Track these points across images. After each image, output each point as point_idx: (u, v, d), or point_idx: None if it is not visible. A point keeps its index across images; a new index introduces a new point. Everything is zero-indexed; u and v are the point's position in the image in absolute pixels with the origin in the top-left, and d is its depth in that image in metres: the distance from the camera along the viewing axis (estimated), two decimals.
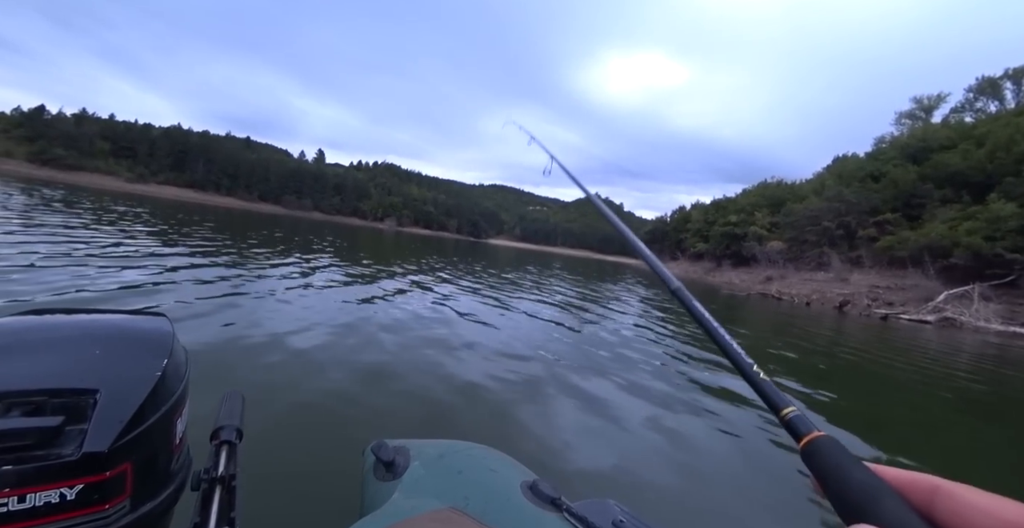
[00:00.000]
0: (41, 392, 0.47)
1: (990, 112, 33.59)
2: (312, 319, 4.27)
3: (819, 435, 0.27)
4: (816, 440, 0.27)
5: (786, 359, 5.90)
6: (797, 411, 0.30)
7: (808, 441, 0.27)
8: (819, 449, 0.27)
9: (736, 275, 33.69)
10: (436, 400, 2.83)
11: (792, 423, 0.29)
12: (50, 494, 0.44)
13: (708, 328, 0.40)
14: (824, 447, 0.27)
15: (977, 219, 19.41)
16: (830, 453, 0.26)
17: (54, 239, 6.67)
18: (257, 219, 28.70)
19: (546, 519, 0.69)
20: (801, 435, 0.28)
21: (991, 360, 8.21)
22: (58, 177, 55.59)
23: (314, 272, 7.75)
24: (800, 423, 0.29)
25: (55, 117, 71.74)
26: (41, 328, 0.57)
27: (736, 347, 0.37)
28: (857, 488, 0.23)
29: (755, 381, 0.33)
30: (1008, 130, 22.57)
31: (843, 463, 0.25)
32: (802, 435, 0.28)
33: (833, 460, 0.25)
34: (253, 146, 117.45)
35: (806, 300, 19.94)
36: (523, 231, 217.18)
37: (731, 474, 2.45)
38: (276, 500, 1.62)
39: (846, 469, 0.24)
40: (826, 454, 0.26)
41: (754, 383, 0.33)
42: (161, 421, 0.54)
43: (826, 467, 0.25)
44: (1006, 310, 15.37)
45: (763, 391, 0.32)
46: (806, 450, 0.27)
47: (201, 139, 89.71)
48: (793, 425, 0.29)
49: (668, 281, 0.47)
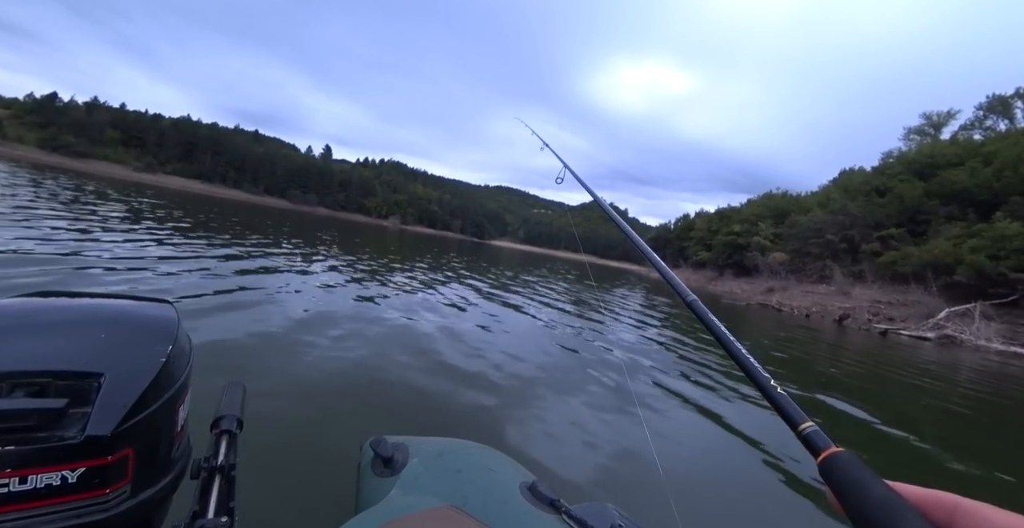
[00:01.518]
0: (45, 374, 0.47)
1: (999, 130, 33.47)
2: (317, 313, 4.32)
3: (838, 450, 0.27)
4: (835, 455, 0.27)
5: (778, 363, 5.91)
6: (815, 426, 0.30)
7: (827, 456, 0.27)
8: (838, 464, 0.26)
9: (738, 285, 33.62)
10: (436, 398, 2.85)
11: (810, 438, 0.29)
12: (52, 476, 0.43)
13: (724, 341, 0.39)
14: (843, 462, 0.26)
15: (982, 237, 19.34)
16: (849, 468, 0.26)
17: (59, 224, 6.76)
18: (263, 213, 28.84)
19: (545, 521, 0.69)
20: (819, 450, 0.28)
21: (991, 377, 8.20)
22: (67, 164, 55.95)
23: (320, 267, 7.82)
24: (818, 438, 0.29)
25: (67, 105, 72.30)
26: (47, 310, 0.56)
27: (753, 361, 0.36)
28: (877, 504, 0.23)
29: (772, 396, 0.33)
30: (1016, 149, 22.49)
31: (862, 478, 0.25)
32: (820, 450, 0.28)
33: (852, 475, 0.25)
34: (261, 140, 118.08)
35: (806, 312, 19.91)
36: (526, 234, 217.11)
37: (738, 483, 2.44)
38: (274, 491, 1.64)
39: (865, 485, 0.24)
40: (845, 469, 0.26)
41: (771, 398, 0.33)
42: (164, 408, 0.54)
43: (845, 482, 0.25)
44: (1008, 330, 15.29)
45: (780, 406, 0.32)
46: (824, 465, 0.27)
47: (210, 131, 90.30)
48: (811, 440, 0.29)
49: (683, 294, 0.47)
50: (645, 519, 0.77)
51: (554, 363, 4.15)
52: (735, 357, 0.38)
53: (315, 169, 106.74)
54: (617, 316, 8.69)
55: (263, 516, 1.44)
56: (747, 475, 2.57)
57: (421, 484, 0.76)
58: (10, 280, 3.51)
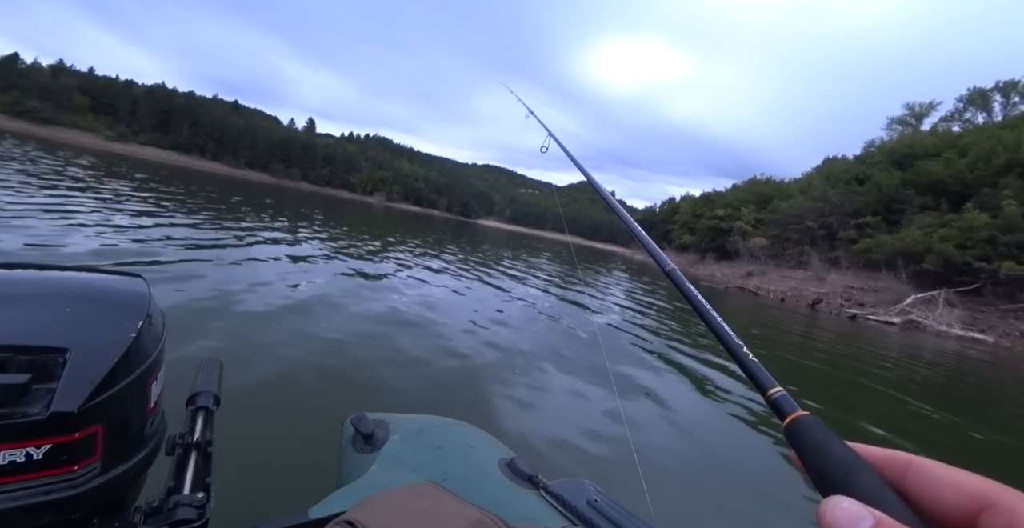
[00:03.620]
0: (6, 348, 0.46)
1: (978, 123, 34.22)
2: (297, 290, 4.33)
3: (802, 414, 0.28)
4: (799, 419, 0.28)
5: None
6: (783, 392, 0.31)
7: (792, 420, 0.28)
8: (802, 427, 0.27)
9: (719, 269, 34.31)
10: (416, 375, 2.89)
11: (778, 403, 0.30)
12: (15, 453, 0.43)
13: (700, 309, 0.40)
14: (807, 426, 0.27)
15: (951, 227, 20.03)
16: (812, 431, 0.27)
17: (27, 192, 6.57)
18: (243, 187, 28.09)
19: (523, 496, 0.72)
20: (785, 413, 0.29)
21: (948, 357, 8.72)
22: (32, 130, 53.17)
23: (301, 244, 7.78)
24: (785, 403, 0.30)
25: (30, 67, 68.02)
26: (9, 282, 0.55)
27: (727, 328, 0.37)
28: (836, 463, 0.24)
29: (744, 362, 0.34)
30: (991, 142, 23.08)
31: (824, 440, 0.26)
32: (786, 414, 0.29)
33: (815, 437, 0.26)
34: (241, 111, 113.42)
35: (781, 296, 20.52)
36: (513, 213, 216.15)
37: (710, 453, 2.57)
38: (252, 468, 1.63)
39: (826, 446, 0.25)
40: (808, 432, 0.27)
41: (743, 364, 0.34)
42: (135, 384, 0.53)
43: (808, 444, 0.26)
44: (968, 316, 16.08)
45: (751, 372, 0.33)
46: (789, 428, 0.28)
47: (187, 100, 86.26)
48: (778, 404, 0.30)
49: (663, 263, 0.49)
50: (620, 494, 0.79)
51: (535, 341, 4.28)
52: (709, 324, 0.39)
53: (298, 142, 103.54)
54: (598, 296, 8.90)
55: (241, 493, 1.42)
56: (717, 446, 2.74)
57: (401, 460, 0.77)
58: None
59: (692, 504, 2.09)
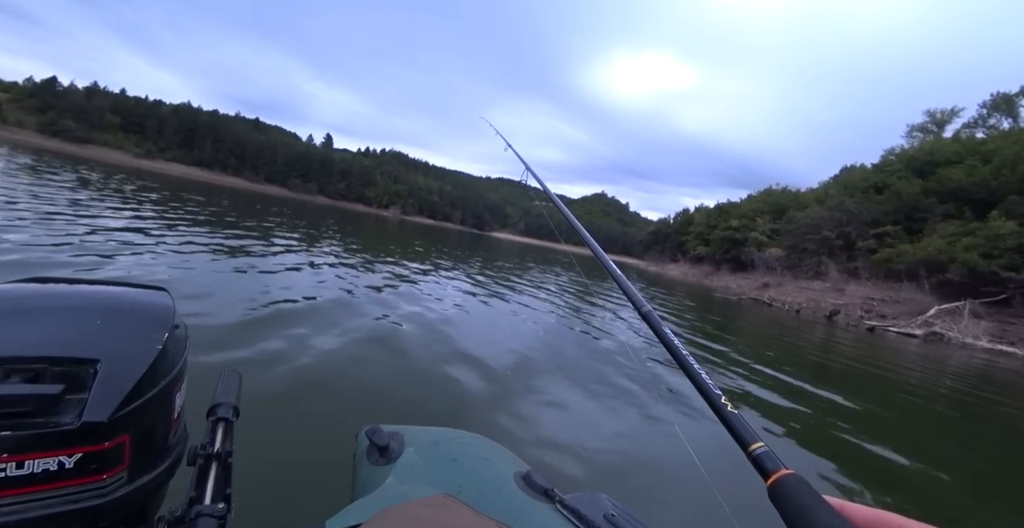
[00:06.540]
0: (41, 359, 0.47)
1: (1003, 129, 33.25)
2: (315, 302, 4.35)
3: (786, 473, 0.27)
4: (782, 479, 0.27)
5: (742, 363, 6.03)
6: (765, 447, 0.29)
7: (775, 480, 0.27)
8: (785, 490, 0.26)
9: (734, 280, 33.69)
10: (432, 388, 2.87)
11: (759, 460, 0.29)
12: (48, 461, 0.44)
13: (677, 356, 0.39)
14: (790, 488, 0.26)
15: (976, 235, 19.37)
16: (796, 495, 0.26)
17: (58, 210, 6.83)
18: (263, 200, 28.80)
19: (539, 509, 0.70)
20: (768, 473, 0.28)
21: (975, 375, 8.33)
22: (67, 149, 55.77)
23: (319, 256, 7.86)
24: (768, 460, 0.29)
25: (67, 89, 71.82)
26: (43, 296, 0.57)
27: (704, 377, 0.36)
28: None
29: (723, 414, 0.32)
30: (1016, 147, 22.39)
31: (809, 506, 0.25)
32: (769, 473, 0.28)
33: (799, 502, 0.25)
34: (262, 128, 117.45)
35: (797, 308, 20.02)
36: (527, 226, 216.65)
37: (726, 475, 2.45)
38: (270, 479, 1.65)
39: (812, 512, 0.24)
40: (792, 496, 0.26)
41: (722, 416, 0.33)
42: (160, 395, 0.55)
43: (792, 509, 0.25)
44: (996, 328, 15.40)
45: (731, 425, 0.32)
46: (773, 489, 0.27)
47: (210, 118, 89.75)
48: (760, 462, 0.29)
49: (639, 304, 0.47)
50: (637, 508, 0.77)
51: (551, 354, 4.20)
52: (689, 373, 0.37)
53: (316, 158, 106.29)
54: (613, 308, 8.80)
55: (259, 503, 1.44)
56: (737, 461, 2.60)
57: (416, 472, 0.76)
58: (5, 268, 3.52)
59: (709, 521, 1.99)
